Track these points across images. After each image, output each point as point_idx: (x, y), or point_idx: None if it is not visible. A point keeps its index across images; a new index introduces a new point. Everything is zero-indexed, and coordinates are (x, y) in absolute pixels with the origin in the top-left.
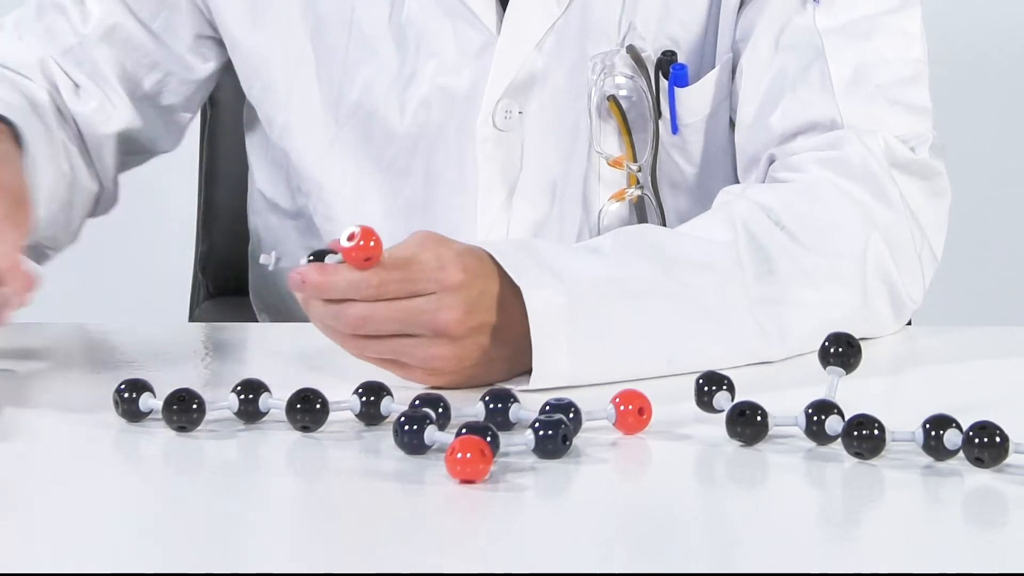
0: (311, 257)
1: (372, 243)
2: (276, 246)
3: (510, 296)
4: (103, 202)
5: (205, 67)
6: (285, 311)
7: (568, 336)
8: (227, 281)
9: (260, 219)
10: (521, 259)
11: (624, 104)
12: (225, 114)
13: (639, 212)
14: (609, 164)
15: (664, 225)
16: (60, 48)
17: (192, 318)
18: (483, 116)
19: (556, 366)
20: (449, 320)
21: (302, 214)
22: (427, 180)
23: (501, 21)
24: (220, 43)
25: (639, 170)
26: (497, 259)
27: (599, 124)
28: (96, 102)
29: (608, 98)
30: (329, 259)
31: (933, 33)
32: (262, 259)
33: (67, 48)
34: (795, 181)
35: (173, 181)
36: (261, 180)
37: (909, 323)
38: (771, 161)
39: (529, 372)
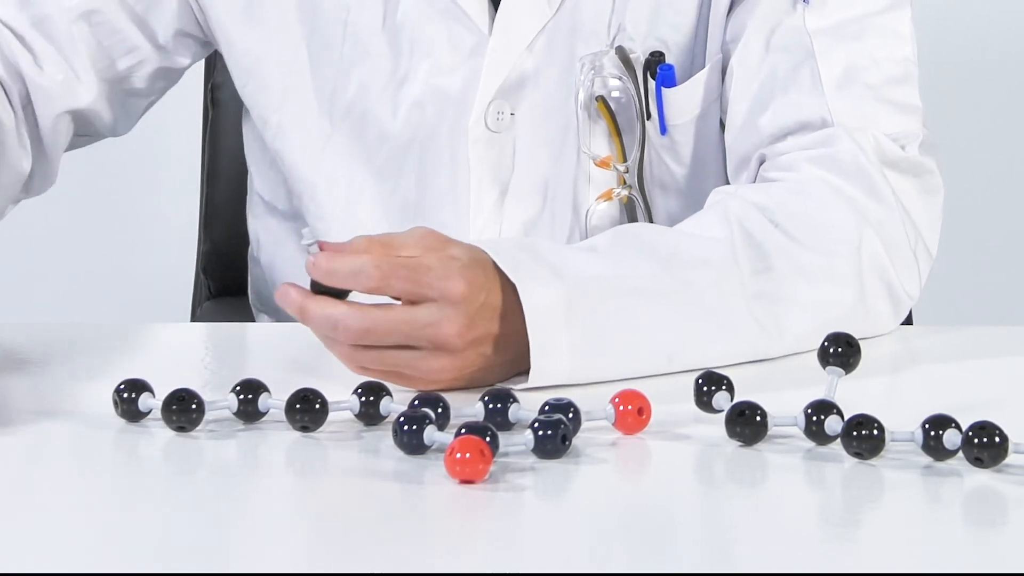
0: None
1: None
2: (276, 249)
3: (512, 304)
4: (37, 183)
5: (179, 61)
6: (284, 311)
7: (566, 333)
8: (229, 281)
9: (259, 222)
10: (519, 256)
11: (613, 105)
12: (225, 114)
13: (628, 212)
14: (596, 164)
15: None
16: (32, 17)
17: (194, 318)
18: (475, 117)
19: (555, 363)
20: (450, 334)
21: (301, 216)
22: (419, 181)
23: (493, 22)
24: (200, 43)
25: (626, 171)
26: (494, 258)
27: (588, 125)
28: (62, 75)
29: (597, 99)
30: None
31: (933, 34)
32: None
33: (40, 18)
34: (786, 180)
35: (174, 181)
36: (259, 183)
37: (910, 323)
38: (761, 161)
39: (527, 372)
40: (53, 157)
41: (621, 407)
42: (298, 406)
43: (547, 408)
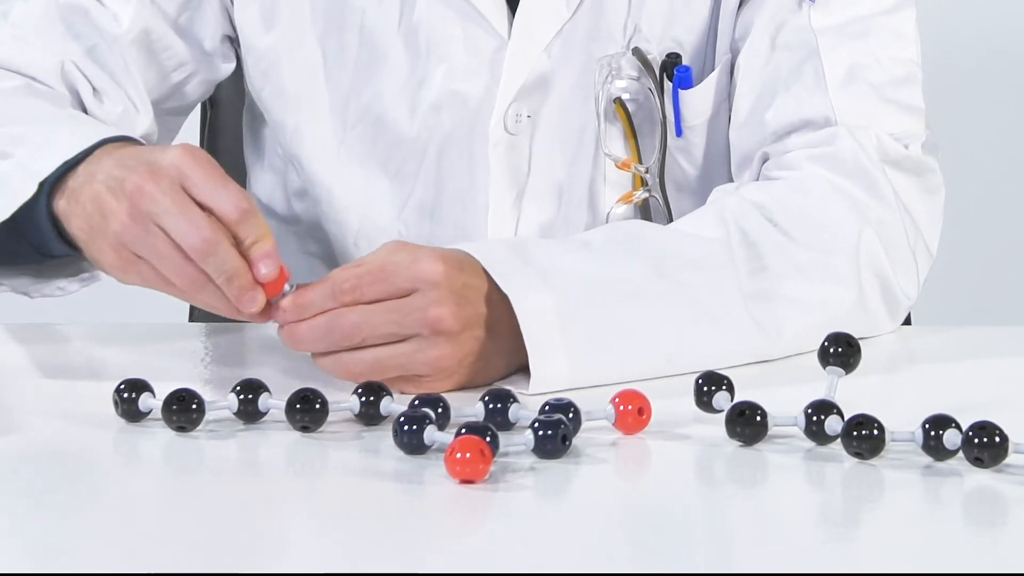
0: None
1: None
2: None
3: (498, 291)
4: None
5: (224, 68)
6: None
7: (563, 339)
8: None
9: None
10: (507, 261)
11: (630, 107)
12: (225, 114)
13: (644, 215)
14: (617, 166)
15: None
16: (83, 49)
17: (192, 318)
18: (495, 120)
19: (554, 370)
20: (441, 315)
21: (299, 220)
22: (436, 184)
23: (511, 25)
24: (237, 45)
25: (646, 171)
26: (483, 264)
27: (606, 127)
28: (121, 107)
29: (614, 101)
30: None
31: (936, 35)
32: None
33: (89, 48)
34: (787, 178)
35: None
36: (257, 186)
37: (909, 323)
38: (764, 160)
39: (527, 369)
40: None
41: (621, 407)
42: (298, 406)
43: (547, 408)
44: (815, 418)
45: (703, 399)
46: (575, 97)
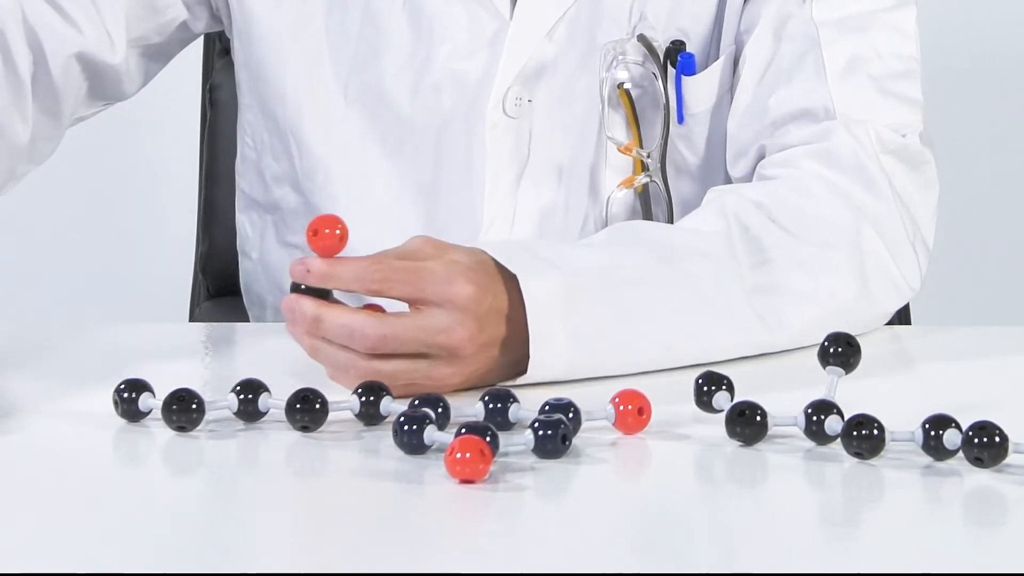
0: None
1: (338, 231)
2: (259, 241)
3: (515, 303)
4: (42, 148)
5: (196, 25)
6: (275, 301)
7: (564, 323)
8: (227, 281)
9: (244, 216)
10: (516, 253)
11: (634, 93)
12: (225, 114)
13: (644, 200)
14: (619, 150)
15: (672, 213)
16: None
17: (192, 318)
18: (493, 102)
19: (553, 354)
20: (462, 339)
21: (277, 207)
22: (435, 164)
23: (514, 7)
24: (212, 17)
25: (648, 156)
26: (492, 254)
27: (609, 112)
28: (94, 36)
29: (618, 86)
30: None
31: (931, 36)
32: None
33: None
34: (783, 177)
35: (174, 181)
36: (240, 178)
37: (909, 323)
38: (761, 155)
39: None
40: (63, 119)
41: (621, 407)
42: (298, 406)
43: (547, 408)
44: (815, 418)
45: (703, 399)
46: (578, 82)
